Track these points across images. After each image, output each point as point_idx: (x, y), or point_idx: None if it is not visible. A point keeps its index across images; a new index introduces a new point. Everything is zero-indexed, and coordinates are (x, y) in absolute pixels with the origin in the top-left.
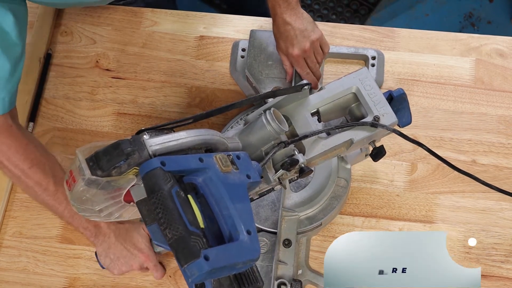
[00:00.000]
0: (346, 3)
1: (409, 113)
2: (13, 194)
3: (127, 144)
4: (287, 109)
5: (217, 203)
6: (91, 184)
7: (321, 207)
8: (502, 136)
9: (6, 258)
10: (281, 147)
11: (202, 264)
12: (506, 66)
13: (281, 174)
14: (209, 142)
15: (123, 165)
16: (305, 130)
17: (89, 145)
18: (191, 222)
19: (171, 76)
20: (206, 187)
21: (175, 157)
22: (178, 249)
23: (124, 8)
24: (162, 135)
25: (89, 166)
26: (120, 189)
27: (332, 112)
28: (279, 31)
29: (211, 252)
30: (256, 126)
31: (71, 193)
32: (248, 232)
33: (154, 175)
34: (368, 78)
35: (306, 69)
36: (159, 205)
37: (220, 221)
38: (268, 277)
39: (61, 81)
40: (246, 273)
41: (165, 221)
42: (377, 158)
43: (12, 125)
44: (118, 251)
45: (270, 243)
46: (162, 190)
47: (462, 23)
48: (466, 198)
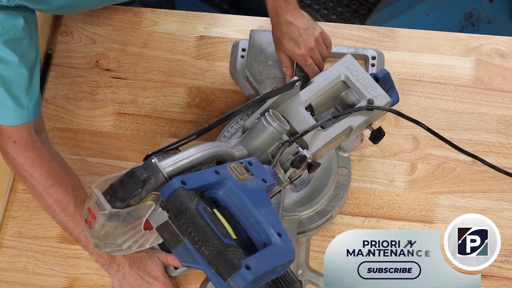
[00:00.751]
0: (346, 3)
1: (396, 92)
2: (13, 194)
3: (142, 170)
4: (281, 108)
5: (242, 212)
6: (113, 218)
7: (328, 199)
8: (502, 136)
9: (6, 258)
10: (286, 146)
11: (245, 274)
12: (506, 66)
13: (291, 172)
14: (218, 154)
15: (141, 192)
16: (303, 126)
17: (102, 178)
18: (224, 235)
19: (171, 76)
20: (228, 199)
21: (193, 174)
22: (218, 264)
23: (124, 8)
24: (170, 156)
25: (107, 199)
26: (140, 217)
27: (324, 104)
28: (282, 31)
29: (250, 260)
30: (257, 130)
31: (92, 231)
32: (279, 235)
33: (178, 196)
34: (354, 64)
35: (314, 68)
36: (190, 224)
37: (248, 229)
38: None
39: (61, 81)
40: (282, 276)
41: (200, 239)
42: (377, 140)
43: (37, 140)
44: (133, 280)
45: None
46: (190, 208)
47: (462, 23)
48: (466, 198)
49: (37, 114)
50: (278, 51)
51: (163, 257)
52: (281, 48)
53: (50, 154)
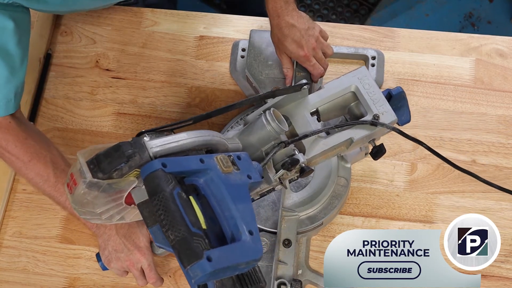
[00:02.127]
0: (346, 3)
1: (408, 111)
2: (13, 194)
3: (128, 146)
4: (286, 109)
5: (219, 204)
6: (92, 187)
7: (321, 206)
8: (502, 136)
9: (6, 258)
10: (281, 147)
11: (205, 265)
12: (506, 66)
13: (282, 174)
14: (209, 143)
15: (124, 167)
16: (305, 130)
17: (90, 147)
18: (193, 223)
19: (171, 76)
20: (208, 188)
21: (176, 159)
22: (180, 251)
23: (124, 8)
24: (162, 136)
25: (90, 168)
26: (121, 191)
27: (331, 111)
28: (284, 33)
29: (213, 253)
30: (256, 127)
31: (72, 196)
32: (250, 233)
33: (156, 177)
34: (367, 76)
35: (318, 67)
36: (161, 206)
37: (222, 221)
38: (268, 277)
39: (61, 81)
40: (248, 273)
41: (167, 222)
42: (377, 156)
43: (11, 121)
44: (117, 244)
45: (270, 243)
46: (164, 191)
47: (462, 23)
48: (466, 198)
49: (9, 111)
50: (279, 52)
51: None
52: (283, 50)
53: (25, 133)
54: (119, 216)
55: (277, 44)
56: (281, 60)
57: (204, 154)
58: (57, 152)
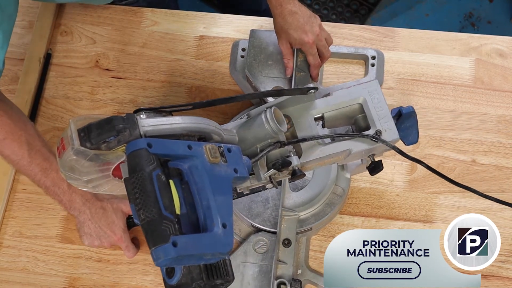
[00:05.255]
0: (346, 3)
1: (417, 131)
2: (13, 194)
3: (120, 121)
4: (291, 110)
5: (198, 192)
6: (79, 155)
7: (313, 212)
8: (502, 136)
9: (6, 258)
10: (276, 146)
11: (169, 249)
12: (506, 66)
13: (272, 173)
14: (203, 130)
15: (112, 141)
16: (306, 134)
17: (84, 115)
18: (166, 206)
19: (171, 76)
20: (191, 175)
21: (163, 141)
22: (148, 231)
23: (124, 8)
24: (157, 117)
25: (79, 136)
26: (109, 163)
27: (337, 119)
28: (287, 21)
29: (180, 239)
30: (255, 123)
31: (60, 160)
32: (223, 226)
33: (138, 155)
34: (377, 91)
35: (317, 59)
36: (137, 185)
37: (198, 210)
38: (268, 276)
39: (61, 81)
40: (218, 265)
41: (140, 202)
42: (373, 172)
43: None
44: (92, 228)
45: (270, 242)
46: (143, 171)
47: (462, 23)
48: (466, 198)
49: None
50: (282, 41)
51: (128, 208)
52: (286, 38)
53: (1, 110)
54: (106, 187)
55: (280, 33)
56: (282, 50)
57: (195, 141)
58: (34, 131)
